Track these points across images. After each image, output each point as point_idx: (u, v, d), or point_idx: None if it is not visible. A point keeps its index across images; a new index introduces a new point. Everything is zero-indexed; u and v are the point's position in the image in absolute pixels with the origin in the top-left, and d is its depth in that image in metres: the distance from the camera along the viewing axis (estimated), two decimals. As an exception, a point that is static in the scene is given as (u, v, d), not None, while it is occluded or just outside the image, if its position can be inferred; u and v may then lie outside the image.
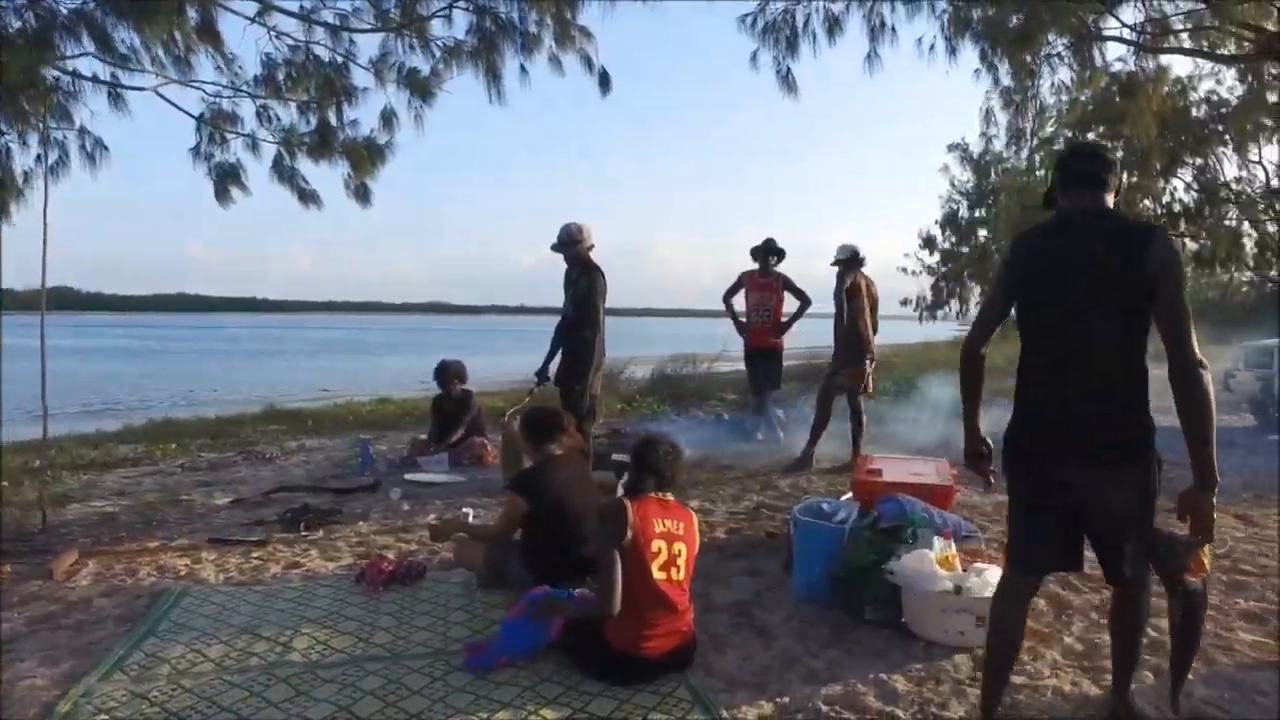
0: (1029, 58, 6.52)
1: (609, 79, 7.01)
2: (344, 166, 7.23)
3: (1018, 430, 2.35)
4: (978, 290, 29.33)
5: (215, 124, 6.65)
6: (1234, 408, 9.36)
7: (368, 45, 6.49)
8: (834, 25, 5.78)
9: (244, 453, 7.51)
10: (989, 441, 2.52)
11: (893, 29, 5.73)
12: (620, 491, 2.99)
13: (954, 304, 31.04)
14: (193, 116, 6.65)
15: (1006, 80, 6.39)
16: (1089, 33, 5.90)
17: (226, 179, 7.10)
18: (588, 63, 6.95)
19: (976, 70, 6.64)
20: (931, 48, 6.24)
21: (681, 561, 2.83)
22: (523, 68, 6.28)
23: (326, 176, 8.04)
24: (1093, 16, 5.79)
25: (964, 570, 3.16)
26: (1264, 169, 17.64)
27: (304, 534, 4.60)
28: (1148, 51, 6.25)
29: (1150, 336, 2.21)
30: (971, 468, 2.60)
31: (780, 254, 7.33)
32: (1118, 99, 10.65)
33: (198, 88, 6.44)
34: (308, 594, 3.65)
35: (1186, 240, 16.14)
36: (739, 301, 7.49)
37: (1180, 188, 17.59)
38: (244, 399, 16.21)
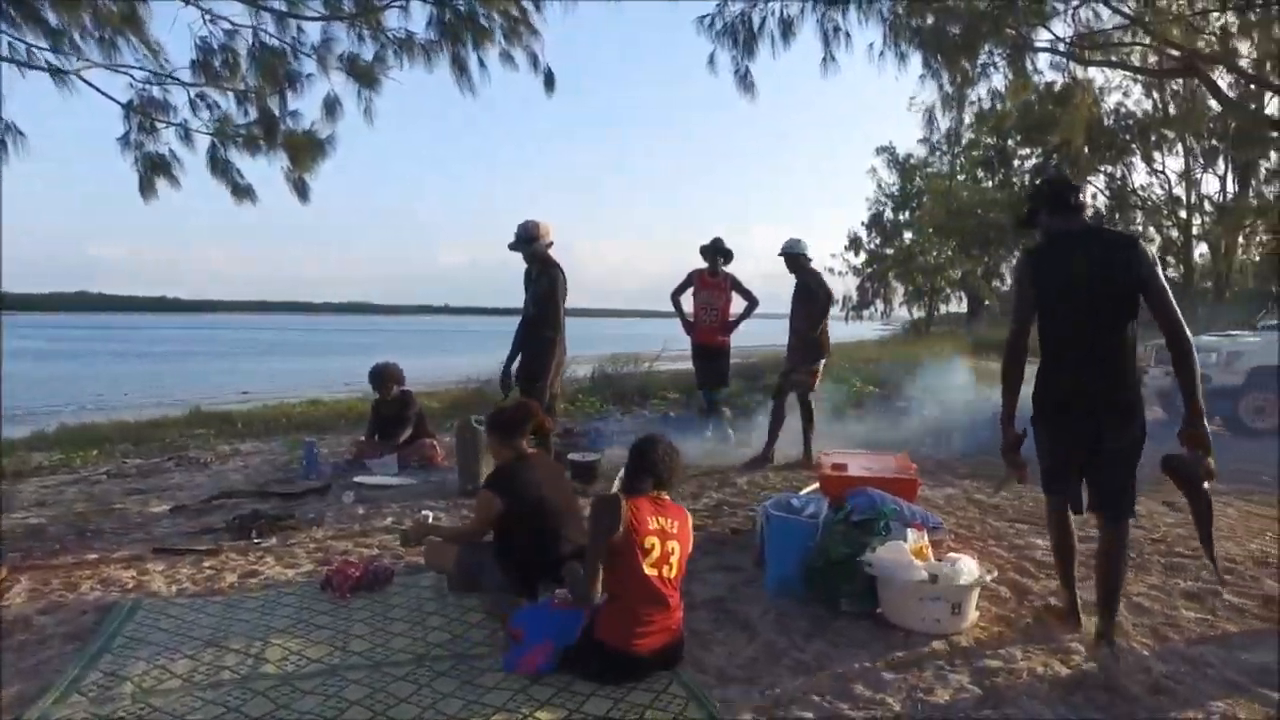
0: (968, 65, 6.79)
1: (553, 78, 6.96)
2: (282, 160, 6.97)
3: (1041, 398, 3.03)
4: (902, 290, 30.36)
5: (144, 112, 6.30)
6: (1145, 402, 9.95)
7: (316, 35, 6.24)
8: (789, 28, 5.90)
9: (174, 457, 7.15)
10: (1023, 434, 3.02)
11: (847, 34, 5.90)
12: (616, 487, 2.98)
13: (879, 304, 32.05)
14: (119, 103, 6.28)
15: (949, 87, 6.64)
16: (1024, 43, 6.20)
17: (155, 171, 6.75)
18: (534, 61, 6.89)
19: (922, 75, 6.88)
20: (881, 54, 6.45)
21: (674, 560, 2.84)
22: (481, 62, 6.17)
23: (260, 170, 7.72)
24: (1027, 28, 6.09)
25: (937, 560, 3.27)
26: (1166, 177, 18.99)
27: (257, 541, 4.41)
28: (1077, 62, 6.60)
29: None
30: (1008, 461, 3.02)
31: (728, 254, 7.41)
32: (1035, 107, 11.12)
33: (125, 73, 6.09)
34: (272, 603, 3.51)
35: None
36: (687, 300, 7.54)
37: (1091, 193, 18.75)
38: (159, 402, 15.40)
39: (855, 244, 30.53)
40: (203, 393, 17.29)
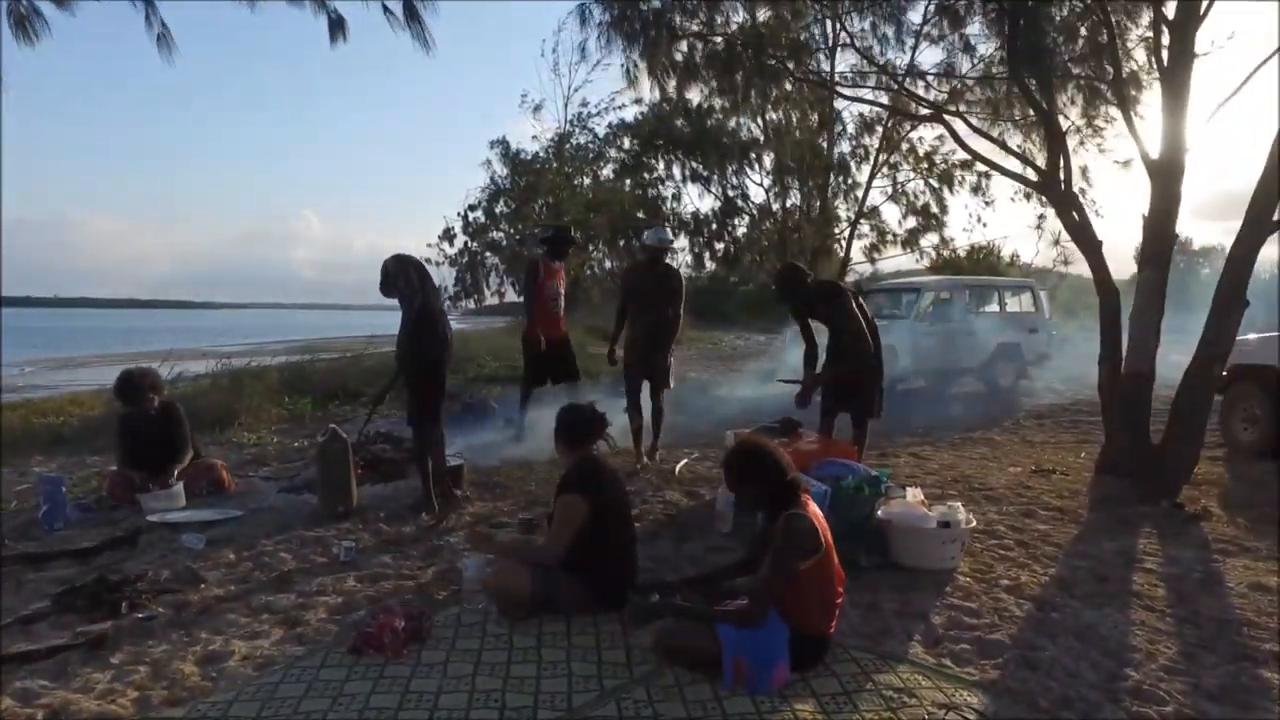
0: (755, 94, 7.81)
1: (343, 23, 6.03)
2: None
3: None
4: (497, 283, 31.27)
5: None
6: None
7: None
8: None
9: None
10: None
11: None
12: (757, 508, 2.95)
13: (474, 294, 32.48)
14: None
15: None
16: (774, 73, 7.39)
17: None
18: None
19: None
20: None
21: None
22: None
23: None
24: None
25: (933, 510, 3.94)
26: (763, 189, 23.50)
27: (142, 617, 3.18)
28: (835, 94, 8.04)
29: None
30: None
31: (573, 242, 7.31)
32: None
33: None
34: (319, 684, 2.69)
35: (715, 242, 20.62)
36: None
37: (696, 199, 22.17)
38: None
39: (448, 235, 30.49)
40: None
